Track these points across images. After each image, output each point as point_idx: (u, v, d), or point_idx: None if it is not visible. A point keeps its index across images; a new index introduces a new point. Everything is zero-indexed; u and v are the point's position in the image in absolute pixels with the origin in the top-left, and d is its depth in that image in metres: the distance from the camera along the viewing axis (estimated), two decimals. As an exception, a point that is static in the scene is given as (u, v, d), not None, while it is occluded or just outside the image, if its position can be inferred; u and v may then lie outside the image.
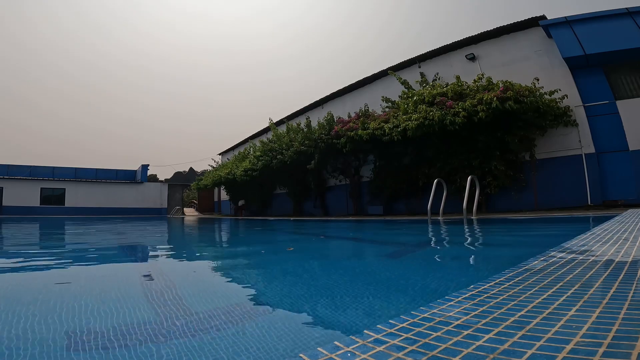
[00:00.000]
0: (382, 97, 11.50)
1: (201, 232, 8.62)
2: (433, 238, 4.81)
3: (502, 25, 9.67)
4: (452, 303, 0.95)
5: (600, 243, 2.01)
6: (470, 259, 3.01)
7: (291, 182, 15.35)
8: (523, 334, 0.71)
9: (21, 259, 3.53)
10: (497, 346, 0.66)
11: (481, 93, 8.24)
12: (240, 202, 20.66)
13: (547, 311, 0.84)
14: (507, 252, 3.27)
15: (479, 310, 0.87)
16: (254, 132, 21.60)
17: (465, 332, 0.73)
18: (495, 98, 7.72)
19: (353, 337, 0.73)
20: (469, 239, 4.48)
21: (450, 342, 0.69)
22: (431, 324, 0.80)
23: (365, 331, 0.76)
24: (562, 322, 0.76)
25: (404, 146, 10.27)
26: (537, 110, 8.03)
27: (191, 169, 37.08)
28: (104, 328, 1.27)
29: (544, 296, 0.97)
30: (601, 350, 0.61)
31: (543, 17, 8.90)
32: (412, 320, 0.82)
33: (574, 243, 2.05)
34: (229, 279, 2.51)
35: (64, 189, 26.53)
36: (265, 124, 17.54)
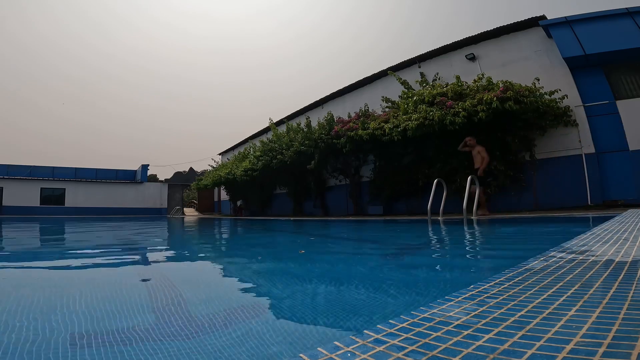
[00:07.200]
0: (382, 97, 11.49)
1: (201, 232, 8.62)
2: (433, 238, 4.81)
3: (502, 25, 9.68)
4: (452, 303, 0.95)
5: (600, 243, 2.01)
6: (471, 258, 3.01)
7: (291, 182, 15.35)
8: (523, 334, 0.71)
9: (21, 260, 3.53)
10: (497, 346, 0.66)
11: (481, 93, 8.23)
12: (240, 202, 20.67)
13: (547, 311, 0.84)
14: (507, 252, 3.26)
15: (479, 310, 0.87)
16: (254, 132, 21.60)
17: (465, 332, 0.73)
18: (495, 98, 7.71)
19: (353, 337, 0.73)
20: (469, 238, 4.48)
21: (450, 342, 0.69)
22: (431, 324, 0.80)
23: (365, 331, 0.76)
24: (562, 322, 0.76)
25: (404, 146, 10.26)
26: (537, 110, 8.02)
27: (191, 169, 37.05)
28: (104, 328, 1.27)
29: (544, 296, 0.97)
30: (601, 350, 0.61)
31: (543, 17, 8.90)
32: (412, 320, 0.82)
33: (574, 243, 2.05)
34: (229, 280, 2.51)
35: (64, 189, 26.54)
36: (265, 124, 17.55)
